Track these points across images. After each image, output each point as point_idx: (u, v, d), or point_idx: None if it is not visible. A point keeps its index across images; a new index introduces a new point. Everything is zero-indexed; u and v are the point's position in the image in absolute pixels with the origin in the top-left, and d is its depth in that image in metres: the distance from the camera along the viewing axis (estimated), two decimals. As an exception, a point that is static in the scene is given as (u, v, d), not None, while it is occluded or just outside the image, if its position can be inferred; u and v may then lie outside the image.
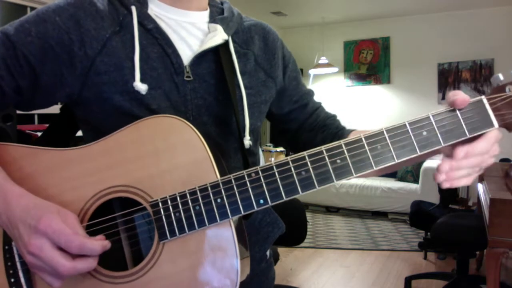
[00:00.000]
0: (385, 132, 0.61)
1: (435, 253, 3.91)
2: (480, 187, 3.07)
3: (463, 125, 0.60)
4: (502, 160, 4.35)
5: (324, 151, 0.62)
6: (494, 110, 0.60)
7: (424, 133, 0.60)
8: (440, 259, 3.84)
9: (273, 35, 0.88)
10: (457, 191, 4.98)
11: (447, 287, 2.97)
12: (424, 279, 3.30)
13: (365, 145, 0.61)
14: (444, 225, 2.81)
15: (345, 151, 0.61)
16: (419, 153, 0.61)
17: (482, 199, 2.83)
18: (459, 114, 0.60)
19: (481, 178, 3.24)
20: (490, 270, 2.26)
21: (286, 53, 0.90)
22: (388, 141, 0.61)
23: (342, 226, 5.05)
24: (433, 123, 0.60)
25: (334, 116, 0.92)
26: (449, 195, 3.74)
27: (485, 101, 0.60)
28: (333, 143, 0.62)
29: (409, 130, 0.61)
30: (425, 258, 3.85)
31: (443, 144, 0.60)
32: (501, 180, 2.95)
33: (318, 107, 0.93)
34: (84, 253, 0.60)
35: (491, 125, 0.60)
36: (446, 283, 3.01)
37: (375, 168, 0.61)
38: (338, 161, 0.61)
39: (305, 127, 0.90)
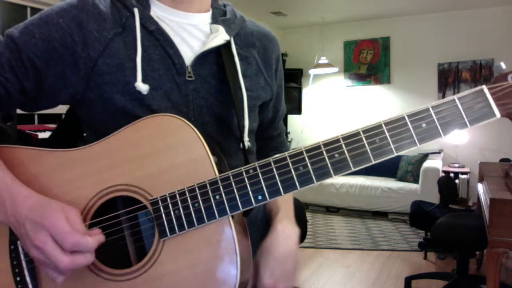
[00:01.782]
0: (383, 125, 0.60)
1: (435, 253, 3.91)
2: (480, 187, 3.07)
3: (464, 116, 0.58)
4: (502, 160, 4.35)
5: (322, 146, 0.61)
6: (495, 99, 0.58)
7: (424, 125, 0.59)
8: (440, 259, 3.83)
9: (274, 47, 0.89)
10: (457, 191, 4.98)
11: (447, 287, 2.97)
12: (424, 279, 3.30)
13: (363, 138, 0.60)
14: (444, 225, 2.81)
15: (343, 145, 0.61)
16: (418, 146, 0.59)
17: (482, 199, 2.83)
18: (459, 105, 0.58)
19: (481, 178, 3.24)
20: (490, 270, 2.26)
21: (279, 67, 0.91)
22: (387, 134, 0.60)
23: (342, 226, 5.05)
24: (433, 114, 0.59)
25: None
26: (449, 195, 3.74)
27: (486, 90, 0.58)
28: (330, 138, 0.62)
29: (408, 123, 0.60)
30: (425, 258, 3.85)
31: (443, 136, 0.59)
32: (501, 180, 2.95)
33: (274, 136, 0.94)
34: (79, 249, 0.62)
35: (493, 115, 0.59)
36: (446, 283, 3.01)
37: (374, 162, 0.60)
38: (336, 155, 0.61)
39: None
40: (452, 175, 5.03)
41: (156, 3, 0.76)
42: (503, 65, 0.60)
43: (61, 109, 0.87)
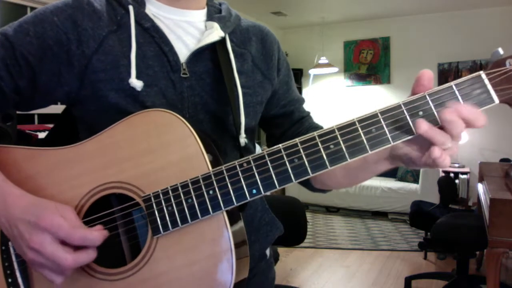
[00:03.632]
0: (379, 114, 0.59)
1: (435, 253, 3.90)
2: (480, 187, 3.06)
3: (462, 103, 0.57)
4: (502, 160, 4.35)
5: (316, 137, 0.60)
6: (493, 85, 0.56)
7: (421, 113, 0.57)
8: (440, 259, 3.83)
9: (271, 38, 0.88)
10: (457, 191, 4.97)
11: (447, 287, 2.97)
12: (424, 279, 3.29)
13: (359, 128, 0.59)
14: (444, 225, 2.81)
15: (339, 135, 0.59)
16: (416, 134, 0.58)
17: (482, 199, 2.82)
18: (456, 92, 0.57)
19: (481, 178, 3.23)
20: (490, 270, 2.26)
21: (281, 56, 0.89)
22: (383, 123, 0.58)
23: (342, 226, 5.04)
24: (430, 102, 0.57)
25: (319, 127, 0.89)
26: (449, 195, 3.74)
27: (484, 76, 0.57)
28: (326, 128, 0.60)
29: (405, 111, 0.58)
30: (425, 258, 3.85)
31: (440, 123, 0.57)
32: (501, 180, 2.95)
33: (304, 116, 0.91)
34: (86, 244, 0.61)
35: (492, 101, 0.57)
36: (446, 283, 3.01)
37: (370, 152, 0.59)
38: (332, 146, 0.59)
39: (288, 134, 0.89)
40: (452, 175, 5.03)
41: (151, 1, 0.76)
42: (500, 51, 0.58)
43: (61, 109, 0.86)
